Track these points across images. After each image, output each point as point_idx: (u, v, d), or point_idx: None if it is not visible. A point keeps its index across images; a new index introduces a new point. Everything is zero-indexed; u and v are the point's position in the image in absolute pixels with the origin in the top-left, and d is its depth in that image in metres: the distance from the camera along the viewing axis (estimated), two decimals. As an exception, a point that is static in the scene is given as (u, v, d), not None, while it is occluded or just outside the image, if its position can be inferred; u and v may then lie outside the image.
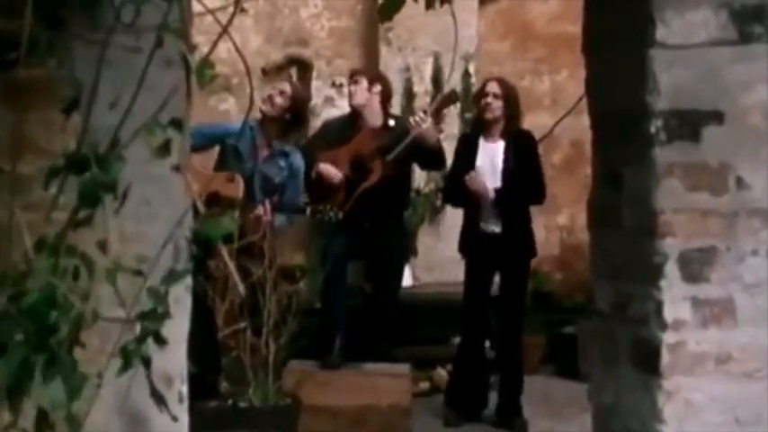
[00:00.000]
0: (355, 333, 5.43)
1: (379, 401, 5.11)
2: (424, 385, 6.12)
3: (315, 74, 7.37)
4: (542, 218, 5.65)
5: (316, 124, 6.61)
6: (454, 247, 5.73)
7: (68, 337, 1.48)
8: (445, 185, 6.05)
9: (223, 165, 5.27)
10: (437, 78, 7.03)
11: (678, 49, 2.17)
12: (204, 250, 1.85)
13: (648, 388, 2.20)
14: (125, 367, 1.54)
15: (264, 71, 7.16)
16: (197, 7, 1.82)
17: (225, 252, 1.74)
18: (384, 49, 7.12)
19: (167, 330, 1.60)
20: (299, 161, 5.42)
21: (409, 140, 5.23)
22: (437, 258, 6.90)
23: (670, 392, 2.17)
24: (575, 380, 5.83)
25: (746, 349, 2.18)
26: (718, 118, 2.17)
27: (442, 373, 6.19)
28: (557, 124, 6.57)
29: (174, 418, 1.73)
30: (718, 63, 2.18)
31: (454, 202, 5.80)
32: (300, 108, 5.54)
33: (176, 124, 1.59)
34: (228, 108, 7.16)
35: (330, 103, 7.25)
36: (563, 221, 7.27)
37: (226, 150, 5.30)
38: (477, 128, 5.66)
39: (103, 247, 1.59)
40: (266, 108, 5.35)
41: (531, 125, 5.92)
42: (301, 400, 4.79)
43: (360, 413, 5.08)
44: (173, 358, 1.83)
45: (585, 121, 2.52)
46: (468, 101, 6.61)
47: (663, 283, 2.17)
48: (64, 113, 1.67)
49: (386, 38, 7.08)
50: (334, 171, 5.40)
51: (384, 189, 5.30)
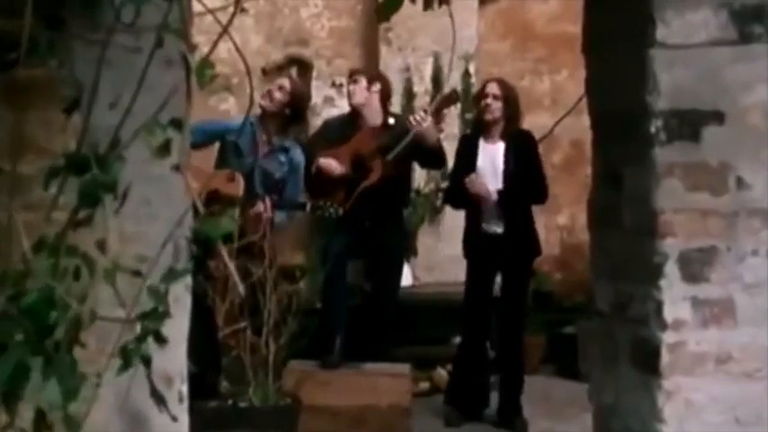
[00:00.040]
0: (355, 333, 5.43)
1: (379, 401, 5.11)
2: (424, 385, 6.12)
3: (315, 74, 7.37)
4: (542, 218, 5.65)
5: (316, 124, 6.61)
6: (454, 247, 5.73)
7: (67, 338, 1.48)
8: (447, 188, 6.05)
9: (223, 161, 5.27)
10: (437, 78, 7.02)
11: (678, 49, 2.17)
12: (204, 250, 1.85)
13: (648, 388, 2.20)
14: (125, 367, 1.54)
15: (264, 71, 7.16)
16: (197, 7, 1.82)
17: (225, 252, 1.74)
18: (384, 49, 7.12)
19: (167, 330, 1.60)
20: (299, 156, 5.41)
21: (409, 139, 5.23)
22: (437, 258, 6.90)
23: (670, 392, 2.17)
24: (575, 380, 5.83)
25: (746, 349, 2.18)
26: (718, 118, 2.17)
27: (442, 373, 6.19)
28: (557, 124, 6.57)
29: (174, 417, 1.73)
30: (718, 63, 2.18)
31: (456, 204, 5.79)
32: (300, 103, 5.52)
33: (176, 124, 1.59)
34: (228, 108, 7.16)
35: (330, 102, 7.25)
36: (563, 221, 7.27)
37: (226, 147, 5.29)
38: (478, 129, 5.66)
39: (103, 247, 1.59)
40: (265, 103, 5.33)
41: (531, 125, 5.92)
42: (301, 400, 4.79)
43: (360, 413, 5.08)
44: (173, 358, 1.83)
45: (585, 121, 2.52)
46: (469, 101, 6.61)
47: (663, 283, 2.17)
48: (64, 113, 1.67)
49: (386, 38, 7.08)
50: (335, 164, 5.40)
51: (384, 188, 5.30)
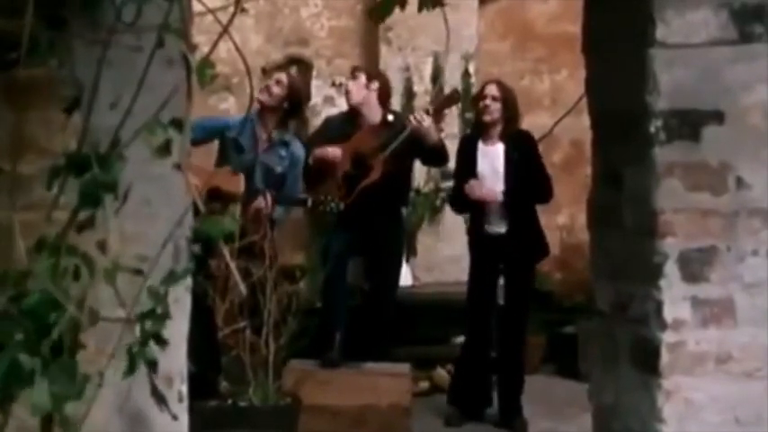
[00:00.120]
0: (355, 332, 5.43)
1: (379, 401, 5.11)
2: (423, 385, 6.12)
3: (315, 73, 7.38)
4: (542, 218, 5.64)
5: (316, 123, 6.62)
6: (454, 247, 5.74)
7: (66, 338, 1.48)
8: (450, 194, 6.05)
9: (224, 158, 5.27)
10: (437, 78, 7.03)
11: (678, 49, 2.17)
12: (205, 249, 1.85)
13: (648, 388, 2.20)
14: (130, 370, 1.54)
15: (264, 71, 7.15)
16: (197, 7, 1.82)
17: (226, 252, 1.74)
18: (384, 49, 7.12)
19: (167, 331, 1.60)
20: (299, 150, 5.41)
21: (406, 135, 5.23)
22: (437, 258, 6.90)
23: (670, 392, 2.17)
24: (575, 380, 5.83)
25: (746, 349, 2.18)
26: (718, 118, 2.17)
27: (442, 373, 6.19)
28: (556, 124, 6.57)
29: (175, 417, 1.73)
30: (718, 63, 2.18)
31: (461, 209, 5.79)
32: (297, 96, 5.51)
33: (177, 124, 1.59)
34: (228, 107, 7.17)
35: (330, 102, 7.26)
36: (563, 221, 7.26)
37: (226, 144, 5.29)
38: (477, 130, 5.66)
39: (103, 247, 1.59)
40: (264, 98, 5.33)
41: (530, 125, 5.91)
42: (301, 399, 4.79)
43: (360, 413, 5.08)
44: (173, 358, 1.82)
45: (585, 121, 2.52)
46: (468, 101, 6.62)
47: (663, 282, 2.17)
48: (65, 113, 1.67)
49: (386, 38, 7.08)
50: (331, 149, 5.38)
51: (384, 186, 5.30)
